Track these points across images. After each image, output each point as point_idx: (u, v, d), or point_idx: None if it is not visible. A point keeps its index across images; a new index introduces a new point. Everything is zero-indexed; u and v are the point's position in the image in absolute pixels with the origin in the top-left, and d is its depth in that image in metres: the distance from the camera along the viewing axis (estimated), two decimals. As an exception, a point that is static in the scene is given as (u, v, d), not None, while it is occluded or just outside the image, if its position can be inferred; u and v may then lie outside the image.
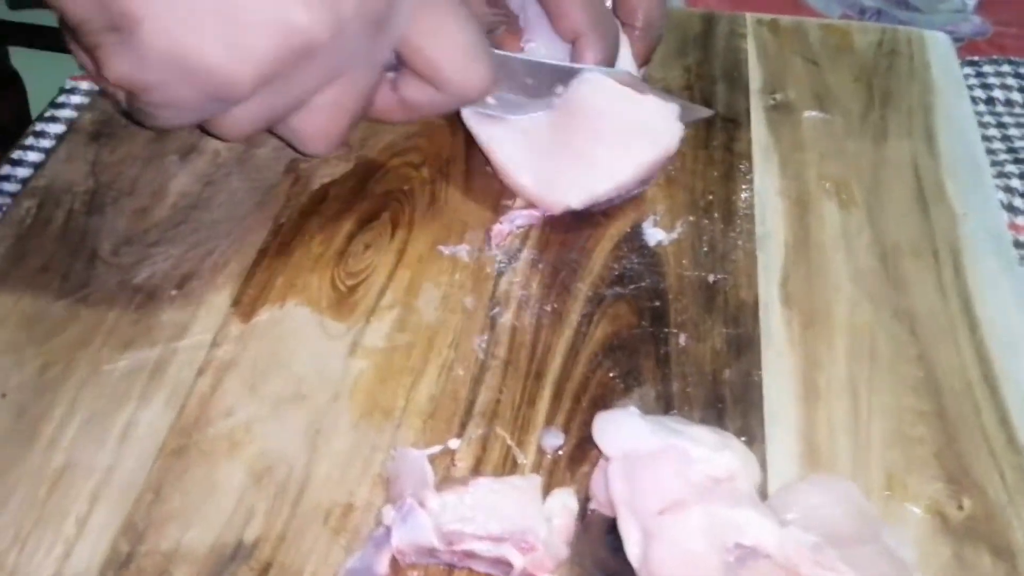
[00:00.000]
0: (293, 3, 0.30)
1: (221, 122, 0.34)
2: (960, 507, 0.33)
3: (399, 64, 0.36)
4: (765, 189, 0.45)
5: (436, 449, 0.34)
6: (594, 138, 0.41)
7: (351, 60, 0.33)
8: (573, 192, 0.41)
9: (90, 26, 0.30)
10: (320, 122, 0.35)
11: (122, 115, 0.38)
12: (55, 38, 0.35)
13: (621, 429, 0.31)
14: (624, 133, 0.41)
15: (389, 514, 0.30)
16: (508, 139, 0.42)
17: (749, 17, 0.56)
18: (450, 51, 0.35)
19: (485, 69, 0.36)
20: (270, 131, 0.36)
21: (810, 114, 0.49)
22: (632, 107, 0.41)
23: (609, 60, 0.42)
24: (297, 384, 0.36)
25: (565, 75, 0.41)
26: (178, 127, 0.34)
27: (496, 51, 0.38)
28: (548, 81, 0.41)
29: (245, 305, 0.38)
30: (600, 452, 0.32)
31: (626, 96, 0.41)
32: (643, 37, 0.43)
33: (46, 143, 0.47)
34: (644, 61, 0.45)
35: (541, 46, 0.42)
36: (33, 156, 0.47)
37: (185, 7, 0.29)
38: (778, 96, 0.50)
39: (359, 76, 0.34)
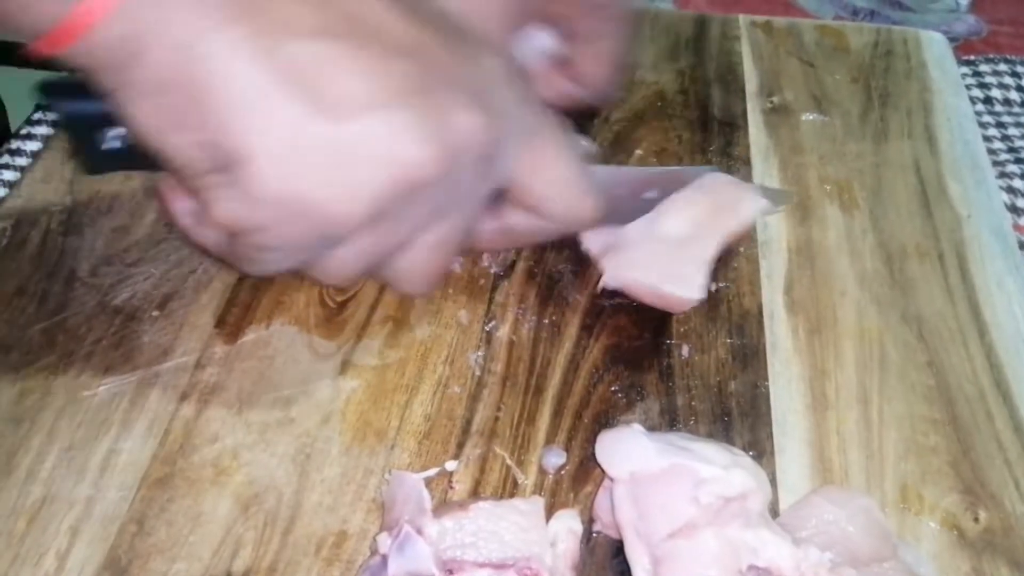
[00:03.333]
0: (404, 138, 0.29)
1: (326, 264, 0.33)
2: (976, 519, 0.32)
3: (500, 194, 0.35)
4: (765, 193, 0.44)
5: (433, 471, 0.32)
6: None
7: (458, 197, 0.32)
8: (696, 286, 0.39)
9: (196, 167, 0.29)
10: (422, 261, 0.34)
11: (216, 261, 0.37)
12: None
13: (626, 449, 0.29)
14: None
15: (385, 542, 0.29)
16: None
17: (742, 19, 0.55)
18: (558, 187, 0.35)
19: (593, 201, 0.36)
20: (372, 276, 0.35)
21: (808, 116, 0.48)
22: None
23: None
24: (285, 407, 0.34)
25: (655, 178, 0.40)
26: (276, 272, 0.33)
27: (603, 168, 0.38)
28: (640, 187, 0.40)
29: (230, 325, 0.37)
30: (604, 470, 0.30)
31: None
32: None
33: (22, 161, 0.46)
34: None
35: None
36: (8, 175, 0.45)
37: (295, 144, 0.28)
38: (775, 98, 0.49)
39: (464, 213, 0.34)
